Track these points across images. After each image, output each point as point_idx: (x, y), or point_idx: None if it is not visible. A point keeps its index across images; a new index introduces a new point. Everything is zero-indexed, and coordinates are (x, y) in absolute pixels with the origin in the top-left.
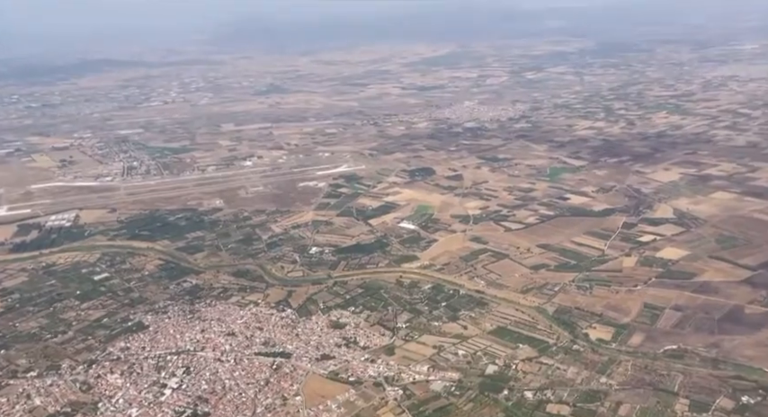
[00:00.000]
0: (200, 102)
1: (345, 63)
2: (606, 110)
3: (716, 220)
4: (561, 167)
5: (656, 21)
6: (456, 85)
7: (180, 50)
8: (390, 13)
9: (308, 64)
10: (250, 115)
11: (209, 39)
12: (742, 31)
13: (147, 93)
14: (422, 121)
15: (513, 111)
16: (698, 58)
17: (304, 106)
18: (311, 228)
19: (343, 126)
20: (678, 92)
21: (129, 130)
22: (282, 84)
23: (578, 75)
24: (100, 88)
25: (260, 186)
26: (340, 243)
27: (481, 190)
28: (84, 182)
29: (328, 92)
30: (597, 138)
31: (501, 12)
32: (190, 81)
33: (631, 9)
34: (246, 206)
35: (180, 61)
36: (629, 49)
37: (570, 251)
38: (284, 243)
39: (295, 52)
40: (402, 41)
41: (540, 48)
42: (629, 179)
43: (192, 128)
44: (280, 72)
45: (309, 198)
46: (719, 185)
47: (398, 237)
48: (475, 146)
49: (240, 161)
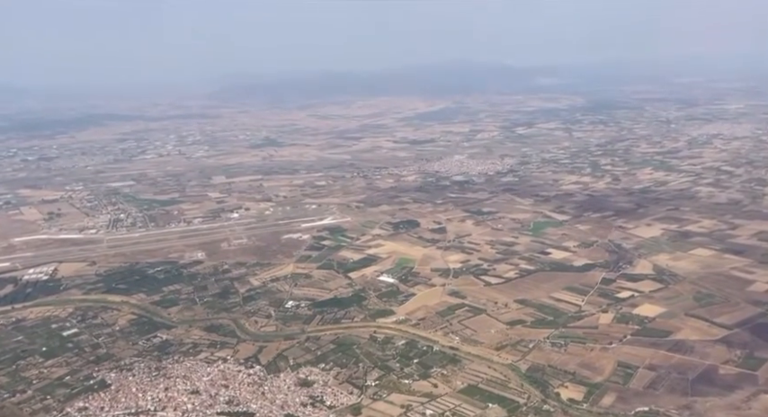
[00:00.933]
0: (194, 155)
1: (342, 117)
2: (593, 166)
3: (694, 277)
4: (545, 221)
5: (647, 79)
6: (447, 140)
7: (181, 105)
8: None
9: (305, 118)
10: (243, 167)
11: (211, 94)
12: (728, 91)
13: (144, 146)
14: (411, 174)
15: (501, 166)
16: (685, 116)
17: (297, 159)
18: (290, 281)
19: (333, 178)
20: (664, 148)
21: (120, 183)
22: (278, 138)
23: (568, 131)
24: (98, 142)
25: (243, 238)
26: (317, 296)
27: (464, 244)
28: (67, 235)
29: (322, 145)
30: (582, 193)
31: (496, 69)
32: (187, 134)
33: (623, 67)
34: (228, 258)
35: (180, 115)
36: (618, 107)
37: (548, 306)
38: (261, 296)
39: (294, 107)
40: (399, 97)
41: (532, 104)
42: (611, 234)
43: (183, 181)
44: (277, 126)
45: (292, 250)
46: (700, 242)
47: (377, 291)
48: (461, 200)
49: (227, 213)
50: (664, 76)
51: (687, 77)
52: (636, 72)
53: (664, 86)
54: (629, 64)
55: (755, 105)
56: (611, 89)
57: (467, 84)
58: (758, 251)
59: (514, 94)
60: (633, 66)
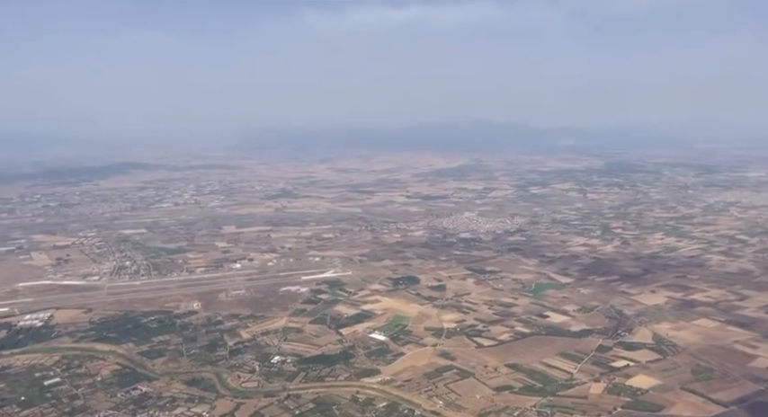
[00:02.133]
0: (209, 205)
1: (359, 171)
2: (603, 228)
3: (694, 349)
4: (547, 283)
5: (668, 143)
6: (460, 196)
7: (205, 155)
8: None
9: (323, 171)
10: (254, 218)
11: (235, 145)
12: (751, 159)
13: (162, 194)
14: (419, 230)
15: (510, 224)
16: (703, 182)
17: (309, 211)
18: (280, 336)
19: (340, 231)
20: (678, 214)
21: (132, 230)
22: (293, 190)
23: (582, 193)
24: (119, 189)
25: (242, 289)
26: (305, 352)
27: (461, 303)
28: (70, 281)
29: (335, 198)
30: (589, 256)
31: (518, 129)
32: (206, 184)
33: (645, 130)
34: (223, 309)
35: (202, 165)
36: (636, 170)
37: (538, 372)
38: (249, 350)
39: (314, 159)
40: (418, 153)
41: (549, 164)
42: (613, 299)
43: (193, 230)
44: (294, 178)
45: (287, 303)
46: (704, 312)
47: (366, 349)
48: (465, 257)
49: (231, 263)
50: (686, 141)
51: (711, 143)
52: (658, 135)
53: (685, 151)
54: (651, 127)
55: None
56: (631, 152)
57: (487, 142)
58: (764, 324)
59: (533, 154)
60: (656, 130)
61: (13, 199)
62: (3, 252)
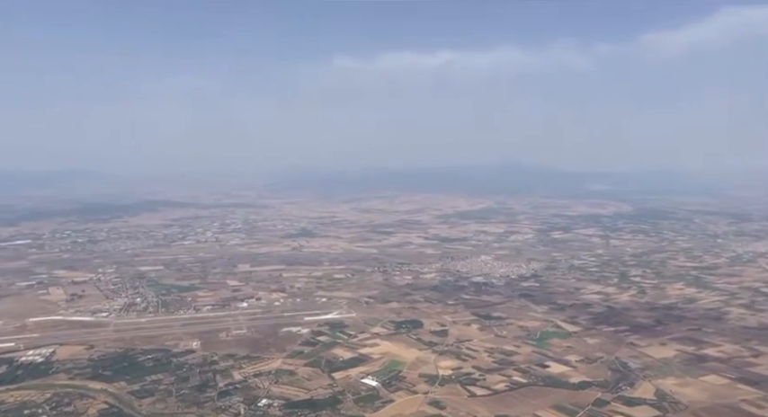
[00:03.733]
0: (229, 243)
1: (382, 211)
2: (621, 276)
3: (698, 407)
4: (553, 331)
5: (702, 190)
6: (479, 239)
7: (235, 194)
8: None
9: (346, 211)
10: (270, 257)
11: (268, 185)
12: None
13: (186, 232)
14: (431, 272)
15: (525, 269)
16: (734, 232)
17: (325, 250)
18: (272, 378)
19: (352, 271)
20: (703, 263)
21: (150, 267)
22: (314, 229)
23: (605, 239)
24: (146, 226)
25: (244, 329)
26: (294, 396)
27: (461, 349)
28: (80, 317)
29: (354, 238)
30: (602, 304)
31: (547, 173)
32: (230, 222)
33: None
34: (221, 349)
35: (231, 204)
36: (665, 217)
37: None
38: (238, 392)
39: (339, 200)
40: (443, 194)
41: (576, 209)
42: (619, 351)
43: (208, 268)
44: (317, 217)
45: (286, 344)
46: (714, 367)
47: (355, 394)
48: (474, 302)
49: (238, 302)
50: (721, 188)
51: (746, 191)
52: (693, 182)
53: (719, 199)
54: (687, 173)
55: None
56: (663, 198)
57: (514, 185)
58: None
59: (560, 198)
60: (691, 176)
61: (45, 234)
62: (23, 286)
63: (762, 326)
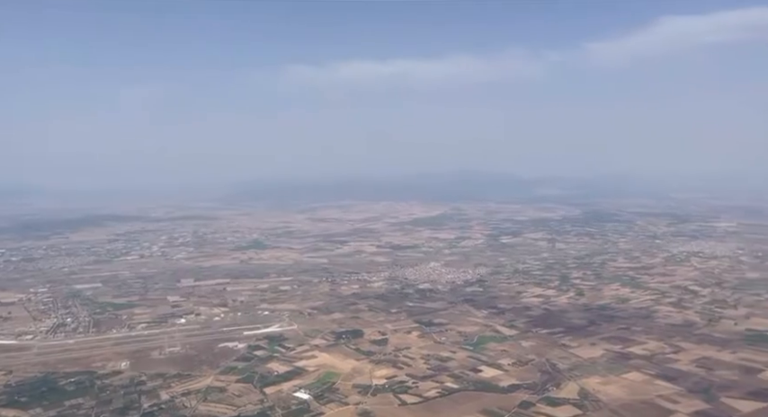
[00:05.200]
0: (175, 257)
1: (337, 221)
2: (562, 279)
3: (616, 404)
4: (490, 336)
5: (648, 193)
6: (431, 246)
7: (188, 206)
8: (398, 178)
9: (302, 221)
10: (216, 270)
11: (224, 196)
12: (725, 209)
13: (131, 247)
14: (379, 281)
15: (471, 275)
16: (672, 232)
17: (274, 262)
18: (200, 396)
19: (299, 283)
20: (639, 264)
21: (86, 285)
22: (265, 240)
23: (552, 242)
24: (89, 242)
25: (178, 346)
26: (221, 414)
27: (399, 358)
28: (2, 341)
29: (305, 248)
30: (540, 307)
31: (502, 179)
32: (179, 235)
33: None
34: (151, 368)
35: (182, 216)
36: (610, 219)
37: None
38: (162, 413)
39: (295, 210)
40: (400, 202)
41: (527, 213)
42: (551, 352)
43: (150, 283)
44: (270, 228)
45: (220, 360)
46: (637, 365)
47: (285, 409)
48: (417, 309)
49: (176, 318)
50: (666, 191)
51: (689, 193)
52: (640, 185)
53: (662, 201)
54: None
55: (747, 224)
56: (610, 201)
57: (470, 192)
58: (692, 378)
59: (513, 203)
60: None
61: None
62: None
63: (686, 323)
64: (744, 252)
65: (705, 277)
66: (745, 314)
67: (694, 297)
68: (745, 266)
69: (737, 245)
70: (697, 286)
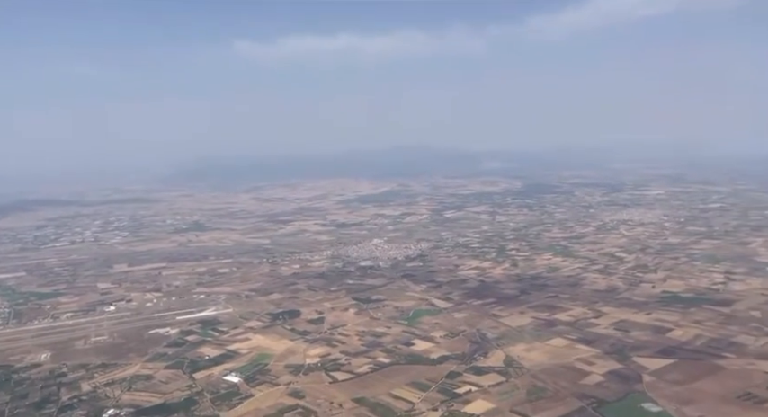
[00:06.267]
0: (109, 242)
1: (283, 200)
2: (499, 251)
3: (538, 369)
4: (425, 309)
5: (586, 164)
6: (375, 223)
7: (126, 189)
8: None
9: (246, 201)
10: (152, 254)
11: (166, 177)
12: (656, 177)
13: (62, 232)
14: (321, 260)
15: (413, 250)
16: (606, 202)
17: (214, 244)
18: (125, 385)
19: (238, 265)
20: (573, 234)
21: (9, 274)
22: (207, 222)
23: (492, 215)
24: (16, 229)
25: (105, 335)
26: (146, 402)
27: (334, 336)
28: None
29: (248, 229)
30: (476, 279)
31: (450, 154)
32: (115, 219)
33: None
34: (73, 359)
35: (120, 199)
36: (550, 191)
37: (382, 405)
38: (82, 405)
39: (239, 189)
40: (348, 179)
41: (472, 187)
42: (482, 323)
43: (79, 271)
44: (212, 209)
45: (149, 347)
46: (561, 331)
47: (214, 393)
48: (357, 286)
49: (105, 306)
50: (602, 162)
51: (626, 163)
52: (581, 157)
53: (599, 171)
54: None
55: (674, 191)
56: (551, 173)
57: (418, 167)
58: (609, 341)
59: (459, 178)
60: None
61: None
62: None
63: (609, 289)
64: (668, 218)
65: (631, 243)
66: (663, 278)
67: (620, 263)
68: (668, 231)
69: (663, 212)
70: (623, 252)
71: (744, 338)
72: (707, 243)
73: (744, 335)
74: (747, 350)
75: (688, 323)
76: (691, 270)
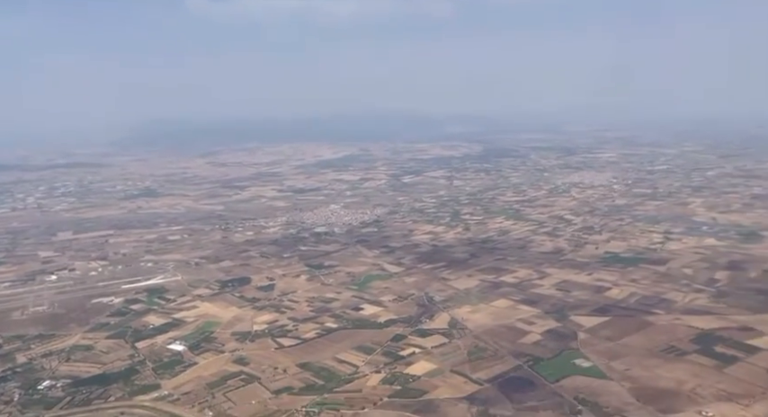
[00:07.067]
0: (54, 208)
1: (240, 165)
2: (453, 215)
3: (480, 330)
4: (376, 274)
5: (544, 128)
6: (333, 188)
7: (75, 153)
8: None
9: (201, 165)
10: (99, 222)
11: (117, 140)
12: (609, 140)
13: (2, 199)
14: (275, 226)
15: (369, 216)
16: (560, 165)
17: (165, 211)
18: (64, 356)
19: (190, 232)
20: (525, 197)
21: None
22: (159, 188)
23: (450, 180)
24: None
25: (45, 305)
26: (85, 373)
27: (283, 302)
28: None
29: (201, 195)
30: (429, 244)
31: (411, 117)
32: (60, 185)
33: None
34: (9, 331)
35: (67, 164)
36: (508, 155)
37: (327, 369)
38: (16, 377)
39: (195, 154)
40: (308, 144)
41: (432, 152)
42: (431, 286)
43: (20, 239)
44: (165, 174)
45: (91, 317)
46: (505, 292)
47: (156, 362)
48: (310, 253)
49: (46, 275)
50: (560, 125)
51: (582, 126)
52: (542, 121)
53: (556, 135)
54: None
55: (625, 154)
56: (510, 137)
57: (378, 131)
58: (549, 301)
59: (420, 142)
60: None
61: None
62: None
63: (555, 250)
64: (617, 180)
65: (580, 206)
66: (607, 239)
67: (567, 225)
68: (616, 194)
69: (613, 174)
70: (572, 215)
71: (674, 294)
72: (650, 205)
73: (674, 292)
74: (676, 307)
75: (625, 282)
76: (633, 231)
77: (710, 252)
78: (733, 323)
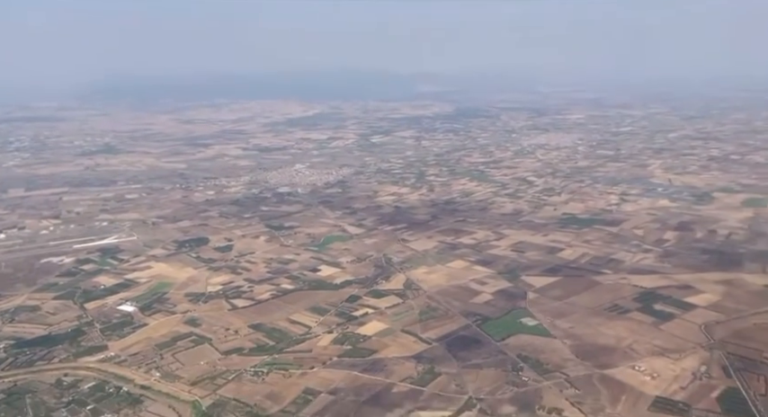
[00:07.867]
0: (6, 164)
1: (206, 122)
2: (418, 176)
3: (434, 291)
4: (337, 236)
5: (516, 88)
6: (300, 147)
7: (34, 107)
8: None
9: (165, 122)
10: (54, 179)
11: (82, 95)
12: (579, 101)
13: None
14: (237, 186)
15: (334, 176)
16: (528, 126)
17: (125, 168)
18: (7, 317)
19: (149, 190)
20: (491, 158)
21: None
22: (119, 144)
23: (418, 140)
24: None
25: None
26: (29, 334)
27: (240, 263)
28: None
29: (163, 153)
30: (392, 205)
31: (384, 76)
32: (15, 139)
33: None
34: None
35: (24, 118)
36: (478, 115)
37: (279, 330)
38: None
39: (160, 110)
40: (278, 100)
41: (403, 111)
42: (390, 248)
43: None
44: (127, 131)
45: (39, 277)
46: (462, 254)
47: (105, 323)
48: (271, 213)
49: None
50: (532, 85)
51: (555, 87)
52: (513, 80)
53: (527, 95)
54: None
55: (593, 116)
56: (482, 97)
57: (351, 89)
58: (503, 261)
59: (392, 101)
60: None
61: None
62: None
63: (515, 212)
64: (582, 142)
65: (544, 167)
66: (566, 200)
67: (529, 187)
68: (580, 155)
69: (579, 136)
70: (534, 176)
71: (623, 254)
72: (611, 167)
73: (624, 252)
74: (623, 266)
75: (579, 243)
76: (591, 193)
77: (662, 214)
78: (674, 281)
